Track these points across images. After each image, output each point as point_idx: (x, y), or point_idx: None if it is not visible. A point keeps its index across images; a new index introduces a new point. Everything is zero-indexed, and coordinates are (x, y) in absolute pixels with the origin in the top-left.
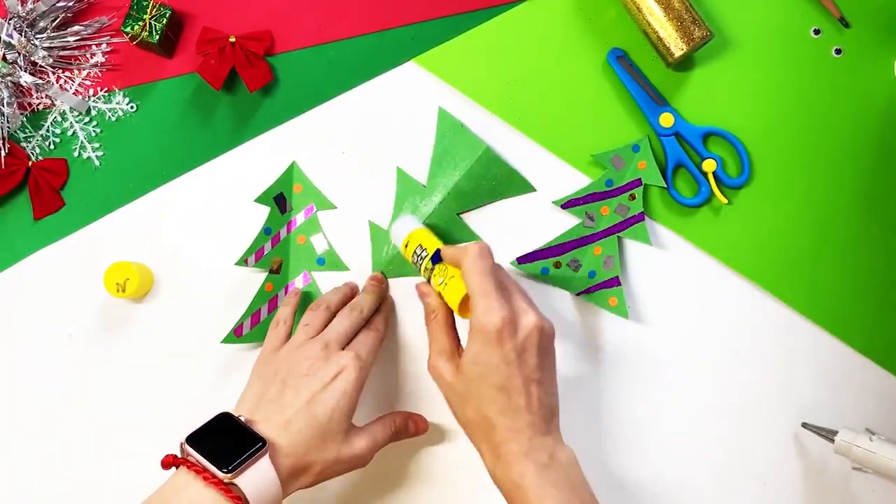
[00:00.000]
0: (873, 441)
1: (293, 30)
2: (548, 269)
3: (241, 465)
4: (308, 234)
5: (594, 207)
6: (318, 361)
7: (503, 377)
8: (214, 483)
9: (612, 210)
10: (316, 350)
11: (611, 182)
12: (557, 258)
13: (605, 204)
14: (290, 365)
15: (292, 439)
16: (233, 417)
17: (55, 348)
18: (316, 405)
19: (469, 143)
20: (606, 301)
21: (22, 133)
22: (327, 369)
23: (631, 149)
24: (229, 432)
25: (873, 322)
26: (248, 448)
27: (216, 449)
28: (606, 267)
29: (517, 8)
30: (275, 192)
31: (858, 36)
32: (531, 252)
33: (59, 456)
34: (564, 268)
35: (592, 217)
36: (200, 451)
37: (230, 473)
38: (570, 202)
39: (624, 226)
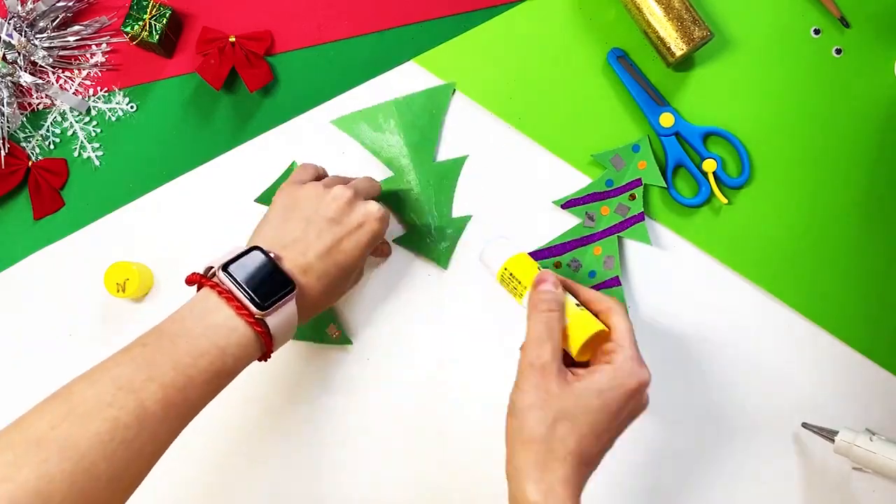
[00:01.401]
0: (873, 441)
1: (293, 30)
2: None
3: (273, 305)
4: None
5: (594, 207)
6: (346, 206)
7: (604, 426)
8: (246, 315)
9: (612, 210)
10: (346, 193)
11: (611, 182)
12: (557, 258)
13: (605, 204)
14: (317, 203)
15: (310, 283)
16: (264, 253)
17: (55, 348)
18: (336, 253)
19: (381, 113)
20: None
21: (22, 133)
22: (353, 217)
23: (631, 149)
24: (262, 268)
25: (873, 322)
26: (280, 289)
27: (250, 283)
28: (606, 267)
29: (517, 8)
30: (275, 192)
31: (858, 36)
32: (531, 252)
33: None
34: (564, 268)
35: (592, 217)
36: (236, 283)
37: (264, 311)
38: (570, 202)
39: (624, 226)
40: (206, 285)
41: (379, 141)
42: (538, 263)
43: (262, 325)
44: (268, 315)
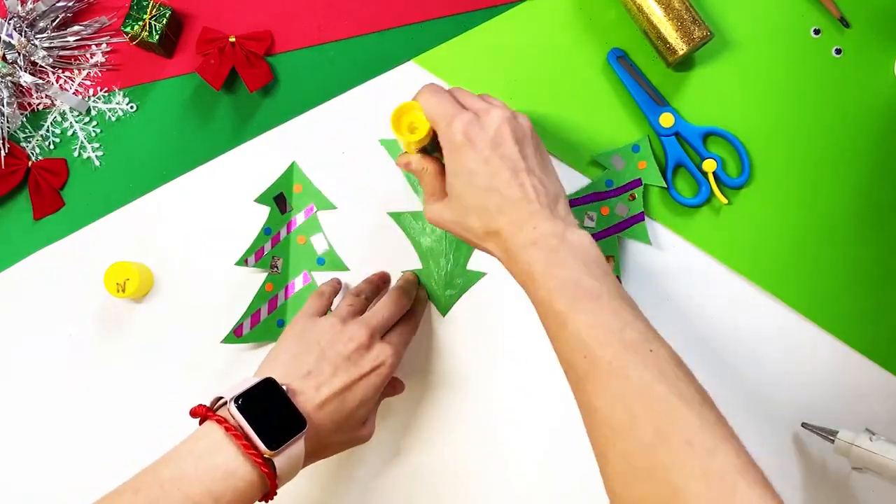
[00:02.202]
0: (873, 441)
1: (293, 30)
2: None
3: (284, 445)
4: (308, 234)
5: (594, 207)
6: (362, 348)
7: (487, 176)
8: (254, 455)
9: (612, 210)
10: (362, 333)
11: (611, 182)
12: None
13: (604, 204)
14: (333, 339)
15: (322, 422)
16: (279, 388)
17: (55, 348)
18: (349, 393)
19: None
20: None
21: (22, 133)
22: (368, 359)
23: (631, 149)
24: (275, 404)
25: (873, 322)
26: (293, 426)
27: (262, 421)
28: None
29: (517, 8)
30: (275, 192)
31: (858, 36)
32: None
33: (60, 455)
34: None
35: (592, 217)
36: (248, 419)
37: (274, 451)
38: (571, 202)
39: (624, 226)
40: (213, 419)
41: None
42: None
43: (269, 466)
44: (276, 455)
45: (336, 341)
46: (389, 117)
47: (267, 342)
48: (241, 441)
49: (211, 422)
